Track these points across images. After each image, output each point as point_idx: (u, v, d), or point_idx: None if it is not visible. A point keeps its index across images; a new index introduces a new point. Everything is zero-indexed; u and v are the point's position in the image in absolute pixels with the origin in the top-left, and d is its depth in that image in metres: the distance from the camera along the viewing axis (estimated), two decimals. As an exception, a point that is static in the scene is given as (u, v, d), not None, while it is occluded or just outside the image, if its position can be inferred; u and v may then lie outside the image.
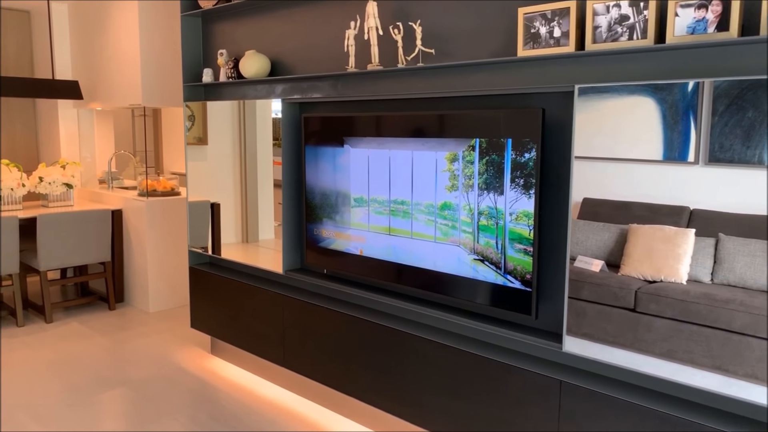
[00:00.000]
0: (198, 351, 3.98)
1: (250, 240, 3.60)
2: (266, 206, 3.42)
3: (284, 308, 3.15)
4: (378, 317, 2.75)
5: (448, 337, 2.49)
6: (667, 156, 1.85)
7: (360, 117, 2.72)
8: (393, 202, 2.63)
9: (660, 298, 1.89)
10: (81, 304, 4.93)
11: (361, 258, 2.79)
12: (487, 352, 2.34)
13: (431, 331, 2.57)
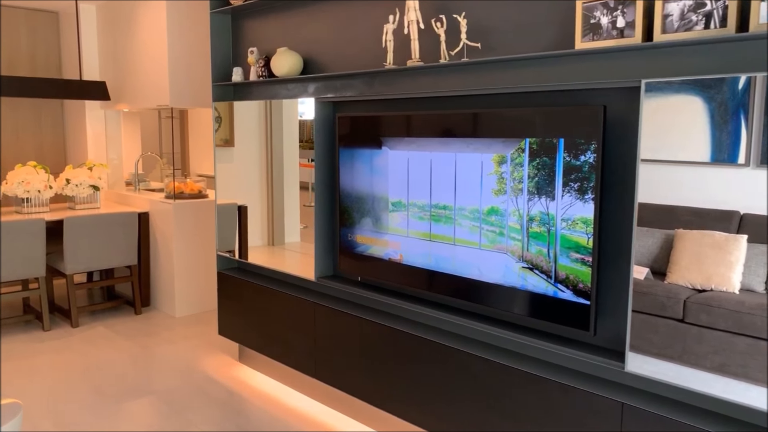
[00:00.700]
0: (225, 359, 3.87)
1: (276, 243, 3.51)
2: (292, 209, 3.31)
3: (316, 317, 3.01)
4: (417, 329, 2.59)
5: (494, 353, 2.32)
6: (716, 158, 1.74)
7: (399, 117, 2.57)
8: (434, 206, 2.48)
9: (711, 309, 1.77)
10: (107, 308, 4.86)
11: (398, 265, 2.64)
12: (540, 369, 2.16)
13: (476, 345, 2.40)
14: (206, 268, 4.82)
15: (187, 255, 4.70)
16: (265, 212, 3.49)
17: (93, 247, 4.47)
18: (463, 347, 2.38)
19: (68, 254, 4.37)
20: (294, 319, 3.15)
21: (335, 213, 3.04)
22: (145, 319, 4.66)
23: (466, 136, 2.33)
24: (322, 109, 2.96)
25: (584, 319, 2.05)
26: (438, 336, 2.50)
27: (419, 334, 2.53)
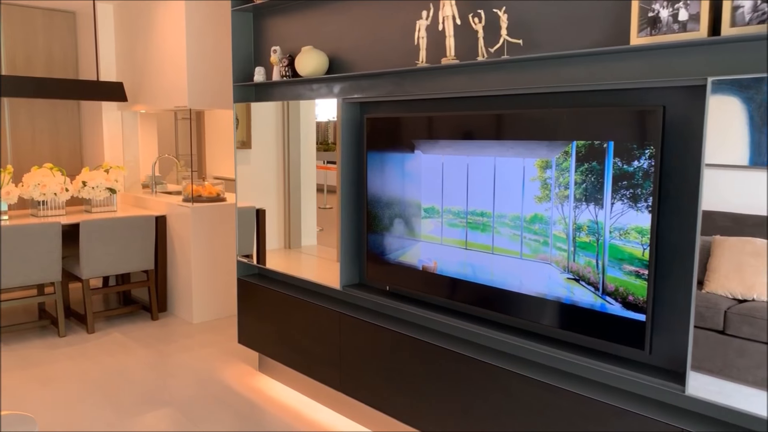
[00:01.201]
0: (245, 368, 3.74)
1: (292, 246, 3.41)
2: (309, 211, 3.21)
3: (341, 327, 2.88)
4: (451, 343, 2.45)
5: (537, 370, 2.17)
6: (755, 161, 1.63)
7: (433, 118, 2.43)
8: (471, 213, 2.33)
9: (754, 320, 1.66)
10: (123, 313, 4.76)
11: (431, 275, 2.50)
12: (589, 390, 2.01)
13: (516, 362, 2.25)
14: (224, 274, 4.71)
15: (205, 260, 4.59)
16: (281, 215, 3.39)
17: (110, 252, 4.37)
18: (503, 364, 2.23)
19: (84, 258, 4.28)
20: (318, 329, 3.02)
21: (362, 219, 2.91)
22: (162, 325, 4.55)
23: (506, 138, 2.19)
24: (348, 111, 2.83)
25: (638, 337, 1.89)
26: (474, 351, 2.36)
27: (453, 349, 2.38)
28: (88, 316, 4.33)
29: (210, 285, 4.64)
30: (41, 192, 4.45)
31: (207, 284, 4.63)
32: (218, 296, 4.70)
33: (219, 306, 4.72)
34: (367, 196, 2.74)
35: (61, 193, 4.55)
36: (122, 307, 4.73)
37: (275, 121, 3.31)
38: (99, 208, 4.77)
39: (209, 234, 4.59)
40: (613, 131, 1.90)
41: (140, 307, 4.80)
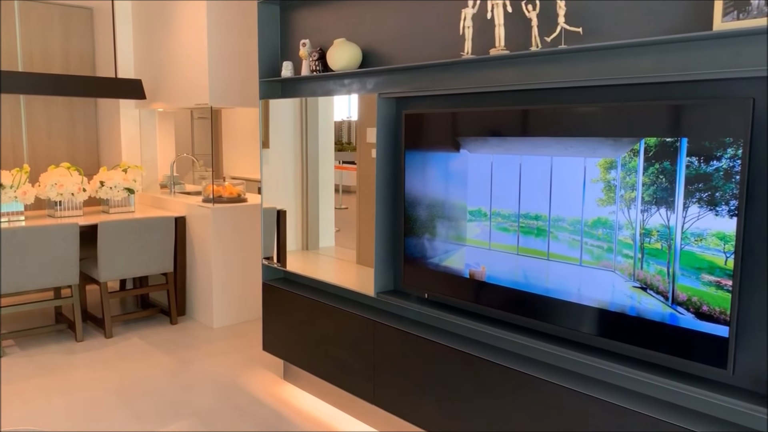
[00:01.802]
0: (269, 376, 3.59)
1: (310, 247, 3.28)
2: (327, 212, 3.09)
3: (376, 337, 2.71)
4: (499, 356, 2.27)
5: (600, 389, 1.99)
6: None
7: (481, 114, 2.26)
8: (524, 216, 2.16)
9: None
10: (141, 317, 4.62)
11: (476, 283, 2.32)
12: (661, 412, 1.83)
13: (575, 379, 2.07)
14: (245, 277, 4.56)
15: (225, 262, 4.44)
16: (299, 216, 3.26)
17: (128, 254, 4.24)
18: (560, 380, 2.05)
19: (102, 261, 4.14)
20: (350, 337, 2.86)
21: (399, 222, 2.74)
22: (182, 330, 4.41)
23: (564, 136, 2.01)
24: (384, 107, 2.66)
25: (718, 354, 1.71)
26: (526, 365, 2.18)
27: (502, 363, 2.21)
28: (106, 320, 4.20)
29: (231, 288, 4.50)
30: (58, 192, 4.33)
31: (228, 288, 4.48)
32: (239, 300, 4.56)
33: (240, 310, 4.57)
34: (405, 197, 2.57)
35: (78, 193, 4.42)
36: (140, 311, 4.60)
37: (293, 119, 3.19)
38: (117, 209, 4.64)
39: (230, 236, 4.45)
40: (689, 127, 1.72)
41: (159, 310, 4.66)
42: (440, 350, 2.42)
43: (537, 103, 2.18)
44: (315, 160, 3.11)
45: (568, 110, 2.00)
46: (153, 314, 4.66)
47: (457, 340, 2.43)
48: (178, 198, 4.86)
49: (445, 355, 2.40)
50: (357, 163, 2.81)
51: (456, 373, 2.36)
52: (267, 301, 3.43)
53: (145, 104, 5.10)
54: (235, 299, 4.53)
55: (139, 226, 4.25)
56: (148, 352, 3.94)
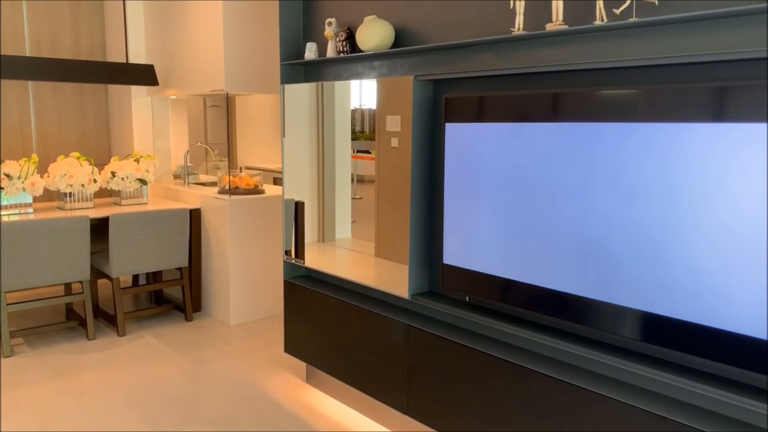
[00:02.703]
0: (291, 379, 3.38)
1: (326, 239, 3.10)
2: (343, 203, 2.92)
3: (410, 342, 2.49)
4: (561, 370, 2.04)
5: (688, 413, 1.76)
6: None
7: (537, 97, 2.01)
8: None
9: None
10: (155, 313, 4.43)
11: (531, 288, 2.08)
12: None
13: (657, 402, 1.84)
14: (264, 272, 4.35)
15: (243, 257, 4.23)
16: (315, 207, 3.08)
17: (141, 248, 4.04)
18: (637, 402, 1.82)
19: (114, 255, 3.95)
20: (381, 342, 2.64)
21: (437, 217, 2.50)
22: (197, 327, 4.22)
23: (640, 121, 1.76)
24: (420, 90, 2.42)
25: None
26: (591, 382, 1.95)
27: (557, 375, 1.98)
28: (119, 317, 4.01)
29: (248, 284, 4.29)
30: (68, 183, 4.13)
31: (245, 283, 4.28)
32: (257, 296, 4.35)
33: (258, 307, 4.37)
34: (444, 190, 2.33)
35: (88, 185, 4.22)
36: (154, 307, 4.40)
37: (309, 106, 2.98)
38: (129, 201, 4.44)
39: (247, 229, 4.23)
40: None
41: (173, 306, 4.47)
42: (485, 360, 2.19)
43: (602, 83, 1.93)
44: (331, 150, 2.95)
45: (643, 92, 1.74)
46: (167, 311, 4.47)
47: (505, 349, 2.20)
48: (193, 189, 4.65)
49: (491, 365, 2.17)
50: (376, 152, 2.64)
51: (503, 385, 2.14)
52: (289, 300, 3.21)
53: (158, 91, 4.88)
54: (253, 295, 4.33)
55: (152, 219, 4.05)
56: (162, 352, 3.74)
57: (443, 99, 2.29)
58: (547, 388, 2.00)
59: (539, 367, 2.05)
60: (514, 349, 2.20)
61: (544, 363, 2.08)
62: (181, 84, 4.53)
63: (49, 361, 3.59)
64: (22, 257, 3.61)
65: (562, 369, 2.03)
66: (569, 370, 2.02)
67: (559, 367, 2.04)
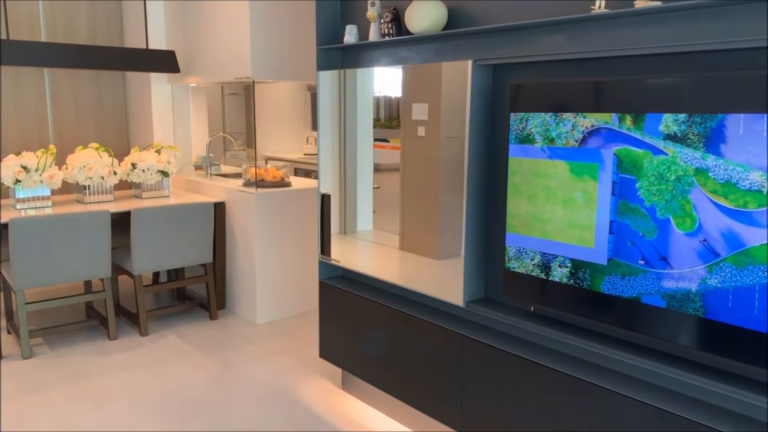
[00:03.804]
0: (325, 384, 3.19)
1: (348, 231, 2.95)
2: (365, 193, 2.80)
3: (465, 354, 2.27)
4: (645, 393, 1.82)
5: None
6: None
7: (625, 84, 1.77)
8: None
9: None
10: (178, 311, 4.25)
11: (614, 298, 1.86)
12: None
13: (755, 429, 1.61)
14: (291, 269, 4.15)
15: (270, 252, 4.03)
16: (336, 198, 2.93)
17: (165, 243, 3.85)
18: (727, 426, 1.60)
19: (137, 251, 3.76)
20: (430, 352, 2.43)
21: (496, 217, 2.28)
22: (222, 326, 4.03)
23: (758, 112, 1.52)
24: (480, 76, 2.18)
25: None
26: (679, 405, 1.72)
27: (640, 398, 1.76)
28: (141, 316, 3.83)
29: (276, 281, 4.10)
30: (87, 175, 3.94)
31: (272, 280, 4.08)
32: (285, 294, 4.16)
33: (285, 305, 4.18)
34: (507, 186, 2.10)
35: (108, 177, 4.03)
36: (177, 305, 4.22)
37: (331, 94, 2.83)
38: (150, 193, 4.25)
39: (274, 223, 4.03)
40: None
41: (196, 304, 4.29)
42: (553, 376, 1.97)
43: (707, 68, 1.68)
44: (353, 138, 2.81)
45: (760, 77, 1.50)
46: (190, 308, 4.29)
47: (577, 366, 1.98)
48: (215, 181, 4.45)
49: (559, 381, 1.95)
50: (401, 141, 2.51)
51: (573, 404, 1.92)
52: (324, 302, 3.01)
53: (178, 78, 4.67)
54: (280, 293, 4.13)
55: (176, 213, 3.85)
56: (187, 354, 3.56)
57: (508, 86, 2.05)
58: (626, 409, 1.78)
59: (624, 389, 1.83)
60: (589, 366, 1.99)
61: (622, 382, 1.86)
62: (204, 71, 4.32)
63: (69, 363, 3.42)
64: (41, 254, 3.43)
65: (648, 390, 1.81)
66: (655, 391, 1.80)
67: (641, 388, 1.82)
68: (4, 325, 3.96)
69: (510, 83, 2.04)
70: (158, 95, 4.80)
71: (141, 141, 5.03)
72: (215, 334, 3.89)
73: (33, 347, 3.64)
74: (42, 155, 3.82)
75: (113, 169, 4.05)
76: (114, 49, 4.11)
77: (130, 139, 5.26)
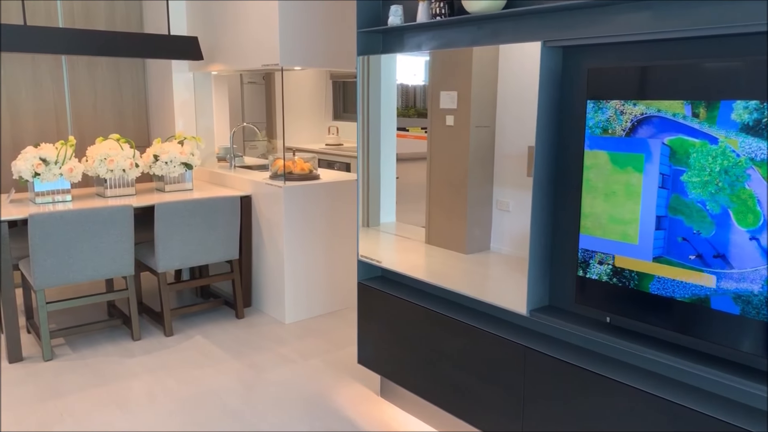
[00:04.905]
0: (361, 391, 3.00)
1: (371, 224, 2.82)
2: (388, 185, 2.67)
3: (527, 367, 2.07)
4: (743, 417, 1.61)
5: None
6: None
7: (733, 69, 1.54)
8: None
9: None
10: (202, 309, 4.08)
11: (706, 310, 1.64)
12: None
13: None
14: (320, 265, 3.96)
15: (299, 248, 3.84)
16: (361, 189, 2.81)
17: (190, 239, 3.67)
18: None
19: (161, 248, 3.58)
20: (484, 362, 2.22)
21: (565, 216, 2.06)
22: (250, 326, 3.85)
23: None
24: (550, 59, 1.96)
25: None
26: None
27: (735, 422, 1.54)
28: (165, 316, 3.66)
29: (305, 279, 3.91)
30: (108, 168, 3.76)
31: (302, 278, 3.89)
32: (314, 292, 3.97)
33: (315, 303, 3.99)
34: (582, 182, 1.88)
35: (130, 169, 3.85)
36: (201, 303, 4.05)
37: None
38: (172, 186, 4.07)
39: (303, 218, 3.84)
40: None
41: (221, 302, 4.11)
42: (639, 398, 1.76)
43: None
44: (376, 128, 2.67)
45: None
46: (215, 306, 4.11)
47: (666, 385, 1.77)
48: (239, 173, 4.26)
49: (645, 403, 1.74)
50: (428, 131, 2.39)
51: (657, 426, 1.71)
52: (363, 305, 2.81)
53: (201, 66, 4.47)
54: (309, 291, 3.94)
55: (201, 208, 3.67)
56: (214, 356, 3.39)
57: (587, 72, 1.83)
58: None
59: (712, 409, 1.61)
60: (671, 383, 1.77)
61: (719, 403, 1.64)
62: (228, 58, 4.11)
63: (92, 366, 3.25)
64: (62, 251, 3.26)
65: (743, 413, 1.59)
66: (755, 415, 1.58)
67: (736, 410, 1.60)
68: (23, 324, 3.81)
69: (589, 68, 1.81)
70: (179, 84, 4.61)
71: (161, 131, 4.85)
72: (242, 334, 3.71)
73: (54, 348, 3.48)
74: (61, 147, 3.64)
75: (135, 162, 3.87)
76: (135, 35, 3.91)
77: (150, 129, 5.08)
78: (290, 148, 6.49)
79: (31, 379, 3.09)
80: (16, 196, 3.83)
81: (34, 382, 3.07)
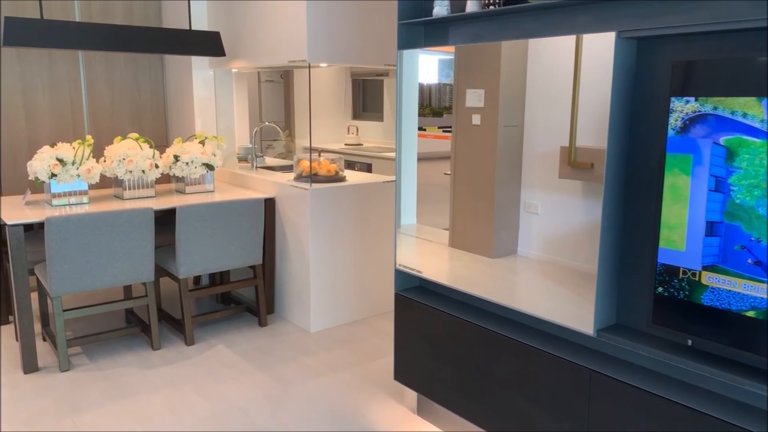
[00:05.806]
0: (396, 408, 2.81)
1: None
2: (409, 186, 2.57)
3: (593, 393, 1.87)
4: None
5: None
6: None
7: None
8: None
9: None
10: (224, 316, 3.90)
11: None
12: None
13: None
14: (348, 271, 3.78)
15: (325, 253, 3.66)
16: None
17: (212, 244, 3.49)
18: None
19: (182, 253, 3.41)
20: (539, 385, 2.03)
21: (641, 226, 1.86)
22: (273, 334, 3.68)
23: None
24: (624, 52, 1.76)
25: None
26: None
27: None
28: (186, 324, 3.49)
29: (332, 285, 3.73)
30: (127, 169, 3.60)
31: (328, 285, 3.71)
32: (340, 299, 3.79)
33: (341, 311, 3.81)
34: (662, 189, 1.68)
35: (150, 170, 3.68)
36: (222, 310, 3.87)
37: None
38: (193, 188, 3.90)
39: (330, 221, 3.66)
40: None
41: (244, 308, 3.94)
42: (725, 431, 1.56)
43: None
44: (398, 128, 2.54)
45: None
46: (237, 313, 3.94)
47: (753, 416, 1.57)
48: (262, 174, 4.09)
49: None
50: (453, 130, 2.30)
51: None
52: (401, 318, 2.62)
53: (222, 63, 4.31)
54: (336, 298, 3.76)
55: (223, 211, 3.50)
56: (239, 367, 3.21)
57: (671, 65, 1.62)
58: None
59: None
60: (759, 413, 1.57)
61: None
62: (251, 54, 3.94)
63: (111, 377, 3.09)
64: (80, 256, 3.10)
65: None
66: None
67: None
68: (38, 331, 3.66)
69: (674, 60, 1.61)
70: (199, 82, 4.45)
71: (181, 131, 4.69)
72: (267, 343, 3.54)
73: (70, 357, 3.32)
74: (79, 146, 3.48)
75: (155, 162, 3.70)
76: (156, 29, 3.75)
77: (169, 128, 4.92)
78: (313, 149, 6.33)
79: (48, 392, 2.93)
80: (32, 197, 3.68)
81: (51, 394, 2.91)
